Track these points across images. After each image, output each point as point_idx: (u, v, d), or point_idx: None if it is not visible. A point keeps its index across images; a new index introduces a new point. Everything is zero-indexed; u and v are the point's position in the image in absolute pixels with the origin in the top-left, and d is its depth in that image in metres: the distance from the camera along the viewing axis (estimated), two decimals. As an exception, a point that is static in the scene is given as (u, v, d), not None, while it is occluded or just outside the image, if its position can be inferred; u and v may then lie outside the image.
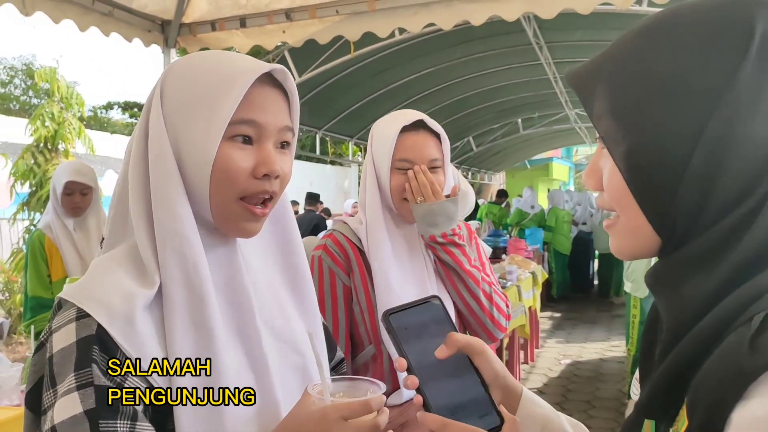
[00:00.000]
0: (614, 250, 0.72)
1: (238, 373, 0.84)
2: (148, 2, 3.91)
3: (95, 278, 0.83)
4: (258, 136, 0.85)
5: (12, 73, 21.48)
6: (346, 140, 9.07)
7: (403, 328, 0.81)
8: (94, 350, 0.76)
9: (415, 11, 3.74)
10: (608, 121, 0.65)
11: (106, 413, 0.74)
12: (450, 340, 0.80)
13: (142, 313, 0.79)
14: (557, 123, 11.48)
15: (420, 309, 0.84)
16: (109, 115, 24.81)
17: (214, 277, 0.86)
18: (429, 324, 0.83)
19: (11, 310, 7.46)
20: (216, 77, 0.84)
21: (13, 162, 6.80)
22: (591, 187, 0.72)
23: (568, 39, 6.76)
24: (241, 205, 0.85)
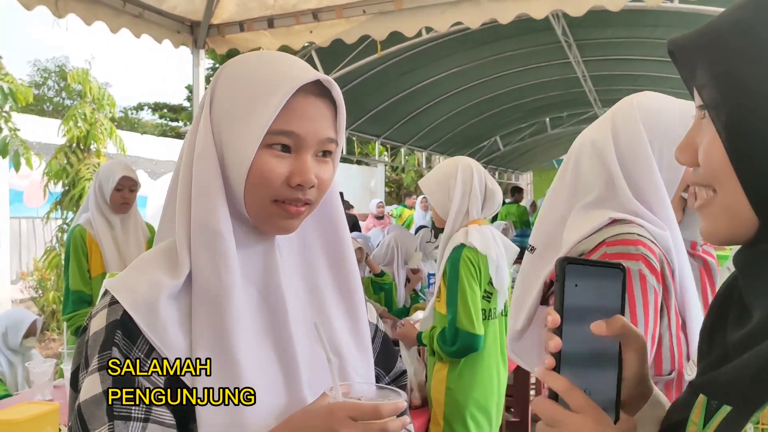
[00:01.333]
0: (706, 233, 0.68)
1: (263, 368, 0.85)
2: (177, 4, 3.96)
3: (131, 270, 0.88)
4: (297, 146, 0.86)
5: (45, 75, 21.94)
6: (373, 140, 9.07)
7: (573, 284, 0.72)
8: (117, 334, 0.81)
9: (442, 10, 3.72)
10: (712, 89, 0.63)
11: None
12: (613, 322, 0.72)
13: (167, 301, 0.82)
14: (586, 122, 11.30)
15: (601, 272, 0.74)
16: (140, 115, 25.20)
17: (250, 273, 0.88)
18: (600, 291, 0.73)
19: (44, 307, 7.61)
20: (260, 83, 0.85)
21: (47, 162, 6.94)
22: (684, 162, 0.69)
23: (598, 37, 6.67)
24: (275, 205, 0.86)
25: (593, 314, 0.72)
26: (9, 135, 7.26)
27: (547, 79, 8.48)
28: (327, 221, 0.98)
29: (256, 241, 0.90)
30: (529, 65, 7.77)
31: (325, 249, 0.98)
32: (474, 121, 9.89)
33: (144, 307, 0.81)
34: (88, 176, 6.66)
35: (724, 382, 0.62)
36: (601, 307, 0.73)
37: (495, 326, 2.53)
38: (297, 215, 0.87)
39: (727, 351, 0.64)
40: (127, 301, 0.82)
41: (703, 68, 0.64)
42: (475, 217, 2.47)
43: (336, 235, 0.98)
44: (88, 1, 3.37)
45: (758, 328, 0.60)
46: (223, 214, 0.85)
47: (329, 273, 0.97)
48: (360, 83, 6.61)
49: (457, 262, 2.40)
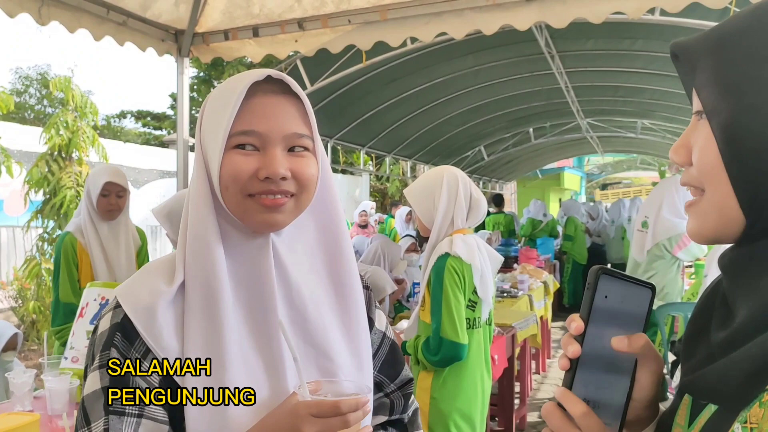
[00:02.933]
0: (692, 232, 0.69)
1: (250, 370, 0.89)
2: (162, 12, 3.95)
3: (136, 277, 0.95)
4: (262, 144, 0.90)
5: (27, 83, 21.74)
6: (358, 149, 9.08)
7: (603, 295, 0.72)
8: (116, 336, 0.88)
9: (427, 21, 3.75)
10: (711, 91, 0.65)
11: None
12: (635, 339, 0.72)
13: (164, 307, 0.88)
14: (569, 132, 11.42)
15: (632, 288, 0.74)
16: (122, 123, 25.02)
17: (241, 274, 0.92)
18: (627, 307, 0.73)
19: (24, 317, 7.51)
20: (223, 93, 0.92)
21: (28, 170, 6.86)
22: (678, 161, 0.70)
23: (580, 48, 6.73)
24: (250, 200, 0.90)
25: (616, 328, 0.72)
26: (-11, 143, 7.17)
27: (531, 90, 8.53)
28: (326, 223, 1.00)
29: (250, 243, 0.93)
30: (512, 76, 7.83)
31: (323, 251, 1.00)
32: (458, 131, 9.93)
33: (143, 312, 0.88)
34: (70, 184, 6.61)
35: (711, 381, 0.62)
36: (624, 323, 0.73)
37: (479, 335, 2.54)
38: (275, 207, 0.90)
39: (712, 352, 0.64)
40: (128, 306, 0.89)
41: (703, 71, 0.66)
42: (459, 227, 2.48)
43: (335, 237, 1.00)
44: (72, 8, 3.36)
45: (743, 327, 0.61)
46: (210, 222, 0.90)
47: (326, 273, 0.99)
48: (345, 92, 6.61)
49: (441, 271, 2.40)
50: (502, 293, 5.57)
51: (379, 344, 1.11)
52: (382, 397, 1.12)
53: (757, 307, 0.61)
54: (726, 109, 0.63)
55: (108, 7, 3.55)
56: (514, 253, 7.86)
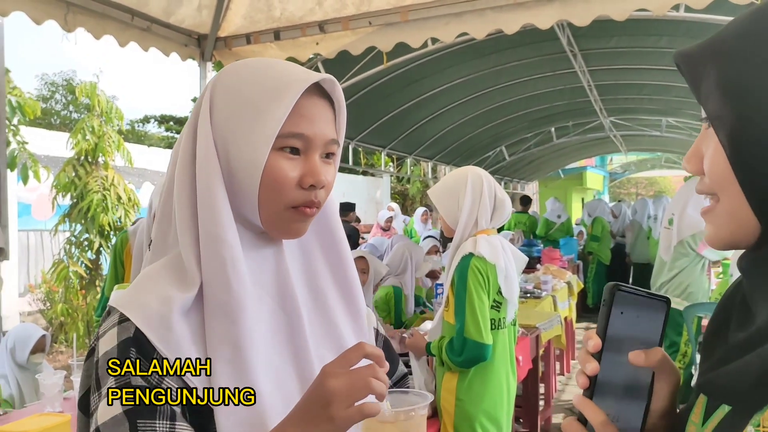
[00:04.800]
0: (710, 239, 0.69)
1: (281, 379, 0.86)
2: (185, 17, 4.00)
3: (138, 285, 0.86)
4: (305, 148, 0.87)
5: (53, 89, 22.09)
6: (379, 150, 9.09)
7: (619, 311, 0.73)
8: (131, 352, 0.79)
9: (447, 21, 3.74)
10: (717, 99, 0.64)
11: (144, 414, 0.77)
12: (653, 354, 0.73)
13: (179, 315, 0.81)
14: (592, 131, 11.32)
15: (647, 302, 0.75)
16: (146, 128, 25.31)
17: (261, 280, 0.88)
18: (643, 323, 0.74)
19: (52, 319, 7.63)
20: (267, 86, 0.85)
21: (55, 175, 6.98)
22: (691, 170, 0.70)
23: (603, 46, 6.67)
24: (290, 211, 0.87)
25: (633, 343, 0.73)
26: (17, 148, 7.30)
27: (553, 89, 8.47)
28: (325, 224, 0.98)
29: (265, 246, 0.90)
30: (534, 75, 7.78)
31: (324, 252, 0.98)
32: (479, 131, 9.89)
33: (157, 323, 0.80)
34: (96, 188, 6.71)
35: (725, 382, 0.62)
36: (641, 337, 0.74)
37: (504, 336, 2.53)
38: (310, 217, 0.89)
39: (730, 352, 0.64)
40: (138, 317, 0.80)
41: (708, 79, 0.65)
42: (483, 227, 2.47)
43: (333, 238, 0.98)
44: (97, 15, 3.41)
45: (761, 330, 0.61)
46: (228, 221, 0.84)
47: (330, 276, 0.97)
48: (366, 94, 6.63)
49: (465, 272, 2.40)
50: (525, 294, 5.53)
51: (374, 341, 1.07)
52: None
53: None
54: (730, 117, 0.62)
55: (132, 13, 3.60)
56: (537, 253, 7.80)
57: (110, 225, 6.74)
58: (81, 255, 6.87)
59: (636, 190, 32.28)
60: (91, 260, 6.92)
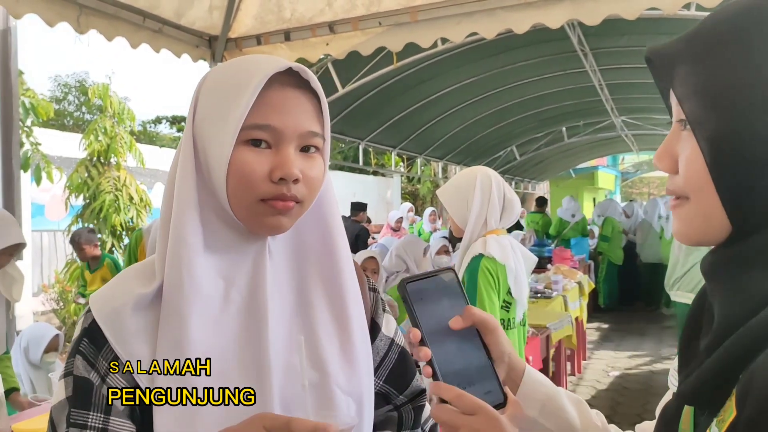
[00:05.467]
0: (679, 234, 0.70)
1: (227, 379, 0.82)
2: (195, 19, 4.02)
3: (113, 280, 0.90)
4: (276, 140, 0.83)
5: (66, 90, 22.25)
6: (389, 151, 9.10)
7: (419, 297, 0.81)
8: (83, 342, 0.83)
9: (457, 21, 3.74)
10: (695, 103, 0.63)
11: (79, 403, 0.80)
12: (467, 313, 0.81)
13: (133, 311, 0.83)
14: (603, 131, 11.27)
15: (436, 280, 0.83)
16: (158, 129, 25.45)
17: (235, 277, 0.86)
18: (444, 295, 0.83)
19: (65, 319, 7.69)
20: (234, 81, 0.83)
21: (68, 175, 7.04)
22: (663, 169, 0.70)
23: (614, 45, 6.65)
24: (261, 204, 0.83)
25: (445, 313, 0.81)
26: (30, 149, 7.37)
27: (563, 88, 8.45)
28: (321, 226, 0.93)
29: (246, 244, 0.87)
30: (544, 74, 7.76)
31: (318, 255, 0.92)
32: (490, 131, 9.88)
33: (110, 316, 0.82)
34: (108, 189, 6.76)
35: (691, 388, 0.64)
36: (449, 306, 0.82)
37: (514, 336, 2.52)
38: (285, 210, 0.83)
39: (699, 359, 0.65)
40: (96, 310, 0.84)
41: (684, 80, 0.65)
42: (493, 227, 2.47)
43: (330, 240, 0.93)
44: (109, 17, 3.43)
45: (717, 331, 0.62)
46: (191, 220, 0.83)
47: (320, 281, 0.92)
48: (376, 94, 6.64)
49: (475, 272, 2.39)
50: (535, 294, 5.52)
51: (386, 351, 1.02)
52: (391, 410, 1.03)
53: (730, 307, 0.62)
54: (712, 122, 0.62)
55: (144, 15, 3.62)
56: (548, 253, 7.78)
57: (122, 225, 6.79)
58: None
59: (648, 189, 32.07)
60: (103, 260, 6.97)
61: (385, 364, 1.02)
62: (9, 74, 3.64)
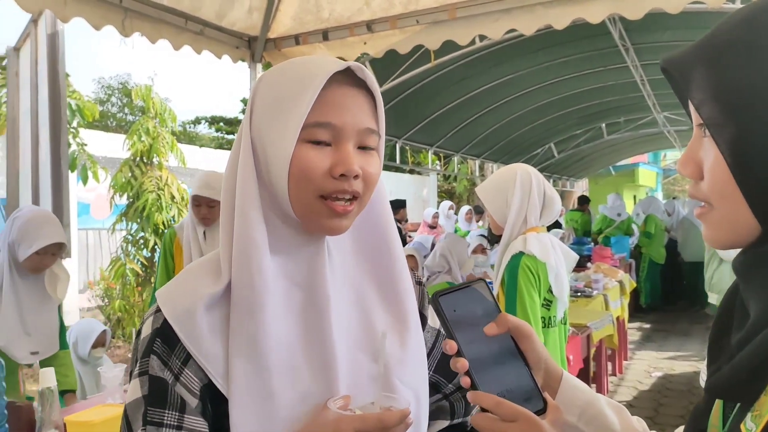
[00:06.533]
0: (709, 240, 0.70)
1: (298, 376, 0.85)
2: (236, 20, 4.08)
3: (177, 279, 0.91)
4: (336, 138, 0.85)
5: (109, 92, 22.80)
6: (426, 149, 9.09)
7: (452, 309, 0.81)
8: (156, 342, 0.84)
9: (496, 18, 3.71)
10: (712, 108, 0.64)
11: (155, 402, 0.82)
12: (501, 320, 0.82)
13: (204, 310, 0.84)
14: (644, 127, 11.06)
15: (468, 291, 0.85)
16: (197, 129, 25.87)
17: (295, 276, 0.88)
18: (477, 306, 0.84)
19: (110, 315, 7.89)
20: (293, 81, 0.85)
21: (112, 175, 7.21)
22: (687, 175, 0.70)
23: (657, 40, 6.51)
24: (321, 202, 0.85)
25: (480, 323, 0.82)
26: (77, 150, 7.57)
27: (603, 84, 8.32)
28: (376, 224, 0.96)
29: (306, 243, 0.89)
30: (584, 71, 7.66)
31: (373, 251, 0.95)
32: (528, 128, 9.79)
33: (182, 316, 0.84)
34: (151, 188, 6.90)
35: (724, 381, 0.64)
36: (483, 316, 0.83)
37: (555, 334, 2.50)
38: (344, 214, 0.86)
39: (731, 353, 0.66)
40: (167, 310, 0.85)
41: (700, 85, 0.65)
42: (533, 225, 2.45)
43: (385, 237, 0.96)
44: (153, 20, 3.51)
45: (754, 326, 0.63)
46: (256, 219, 0.85)
47: (376, 276, 0.95)
48: (413, 92, 6.64)
49: (515, 270, 2.38)
50: (575, 292, 5.45)
51: (434, 343, 1.05)
52: (441, 399, 1.06)
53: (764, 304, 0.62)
54: (730, 125, 0.62)
55: (186, 17, 3.70)
56: (588, 251, 7.68)
57: (164, 223, 6.92)
58: (137, 253, 7.09)
59: (691, 187, 31.29)
60: (146, 258, 7.12)
61: (434, 355, 1.05)
62: (57, 77, 3.75)
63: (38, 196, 3.85)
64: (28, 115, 3.93)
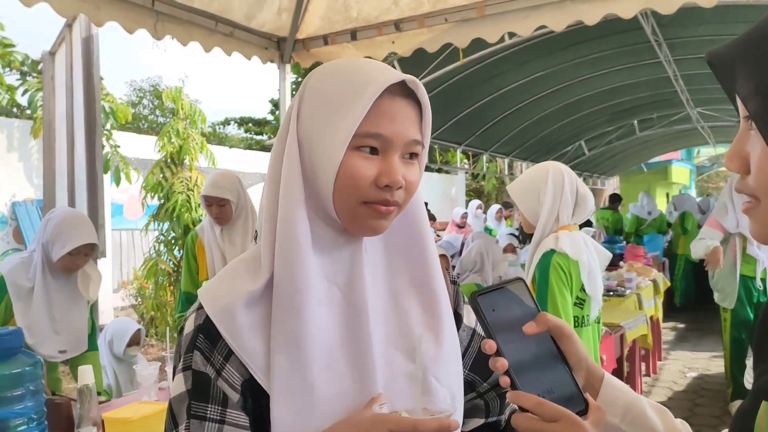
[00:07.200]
0: (756, 235, 0.70)
1: (337, 373, 0.87)
2: (265, 22, 4.11)
3: (218, 276, 0.93)
4: (384, 148, 0.86)
5: (141, 95, 23.14)
6: (454, 147, 9.05)
7: (491, 309, 0.81)
8: (199, 338, 0.87)
9: (525, 14, 3.68)
10: (758, 101, 0.63)
11: (198, 396, 0.85)
12: (541, 319, 0.82)
13: (245, 307, 0.86)
14: (677, 123, 10.86)
15: (506, 291, 0.84)
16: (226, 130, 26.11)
17: (334, 275, 0.90)
18: (515, 306, 0.83)
19: (143, 314, 8.02)
20: (346, 87, 0.86)
21: (144, 176, 7.32)
22: (734, 170, 0.69)
23: (690, 35, 6.39)
24: (364, 206, 0.87)
25: (519, 322, 0.81)
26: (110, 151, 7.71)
27: (635, 80, 8.19)
28: (411, 225, 0.97)
29: (344, 244, 0.91)
30: (615, 67, 7.54)
31: (408, 252, 0.97)
32: (558, 126, 9.68)
33: (223, 312, 0.86)
34: (181, 189, 6.98)
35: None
36: (522, 315, 0.82)
37: (588, 333, 2.47)
38: (387, 215, 0.88)
39: None
40: (208, 307, 0.87)
41: (745, 79, 0.64)
42: (565, 223, 2.42)
43: (420, 238, 0.97)
44: (184, 22, 3.55)
45: None
46: (301, 218, 0.86)
47: (412, 277, 0.96)
48: (442, 91, 6.61)
49: (546, 269, 2.36)
50: (608, 291, 5.38)
51: (469, 341, 1.06)
52: (475, 397, 1.07)
53: None
54: None
55: (216, 19, 3.73)
56: (620, 250, 7.57)
57: (193, 224, 7.00)
58: (169, 253, 7.18)
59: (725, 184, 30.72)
60: (178, 258, 7.22)
61: (469, 353, 1.06)
62: (92, 80, 3.82)
63: (74, 198, 3.93)
64: (63, 118, 4.01)
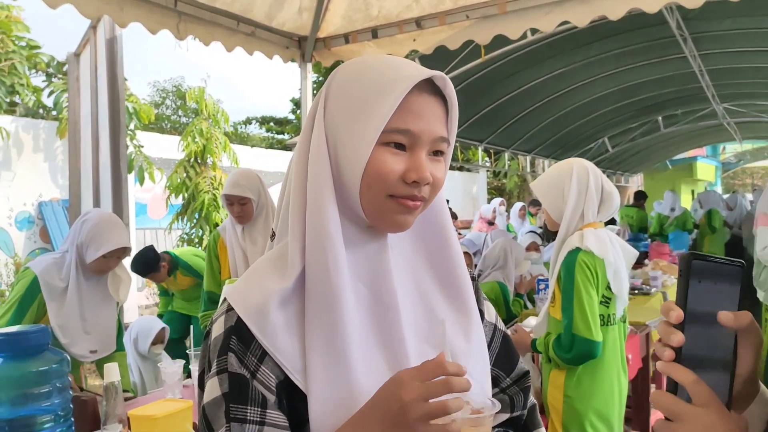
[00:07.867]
0: None
1: (374, 370, 0.86)
2: (286, 21, 4.12)
3: (245, 277, 0.92)
4: (411, 144, 0.86)
5: (164, 95, 23.37)
6: (476, 145, 9.01)
7: (697, 280, 0.74)
8: (232, 340, 0.85)
9: (547, 10, 3.64)
10: None
11: (237, 398, 0.83)
12: (742, 315, 0.74)
13: (277, 306, 0.85)
14: (703, 119, 10.70)
15: (723, 268, 0.76)
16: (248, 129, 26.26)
17: (361, 272, 0.90)
18: (722, 287, 0.75)
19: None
20: (375, 83, 0.86)
21: (168, 176, 7.39)
22: None
23: (717, 29, 6.29)
24: (391, 200, 0.87)
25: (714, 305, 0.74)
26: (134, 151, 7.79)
27: (660, 76, 8.08)
28: (434, 222, 0.97)
29: (370, 240, 0.91)
30: (639, 62, 7.44)
31: (432, 247, 0.97)
32: (581, 123, 9.59)
33: (255, 313, 0.85)
34: (206, 188, 7.04)
35: None
36: (720, 304, 0.75)
37: (614, 332, 2.44)
38: (413, 210, 0.88)
39: None
40: (240, 307, 0.86)
41: None
42: (590, 220, 2.39)
43: (444, 234, 0.97)
44: (206, 23, 3.57)
45: None
46: (332, 213, 0.86)
47: (437, 273, 0.97)
48: (463, 89, 6.57)
49: (572, 267, 2.33)
50: (633, 290, 5.31)
51: (491, 337, 1.06)
52: (499, 393, 1.07)
53: None
54: None
55: (238, 19, 3.75)
56: (644, 248, 7.48)
57: (221, 222, 7.06)
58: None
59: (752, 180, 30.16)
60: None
61: (492, 348, 1.06)
62: (116, 81, 3.86)
63: (99, 197, 3.98)
64: (88, 119, 4.06)
